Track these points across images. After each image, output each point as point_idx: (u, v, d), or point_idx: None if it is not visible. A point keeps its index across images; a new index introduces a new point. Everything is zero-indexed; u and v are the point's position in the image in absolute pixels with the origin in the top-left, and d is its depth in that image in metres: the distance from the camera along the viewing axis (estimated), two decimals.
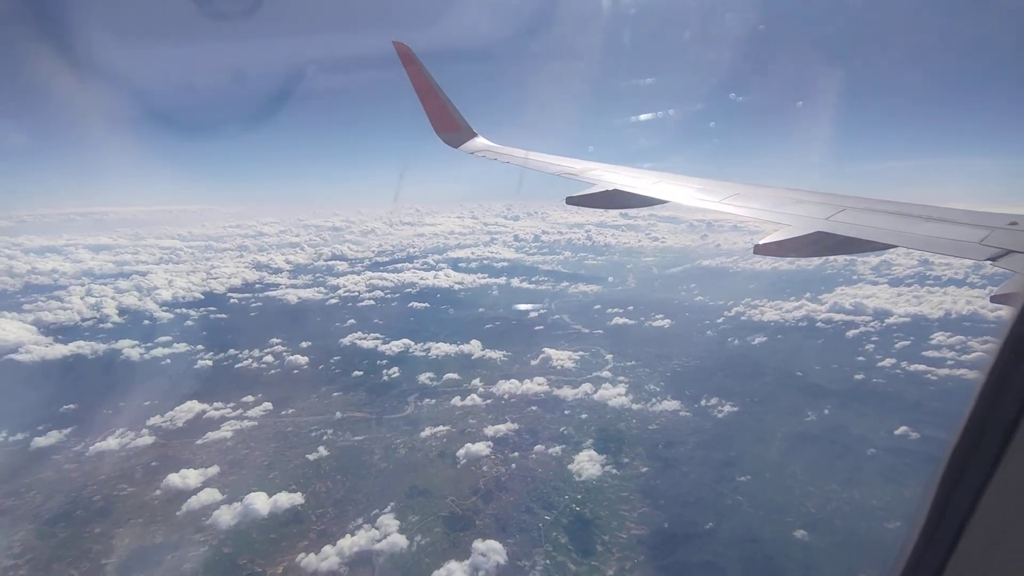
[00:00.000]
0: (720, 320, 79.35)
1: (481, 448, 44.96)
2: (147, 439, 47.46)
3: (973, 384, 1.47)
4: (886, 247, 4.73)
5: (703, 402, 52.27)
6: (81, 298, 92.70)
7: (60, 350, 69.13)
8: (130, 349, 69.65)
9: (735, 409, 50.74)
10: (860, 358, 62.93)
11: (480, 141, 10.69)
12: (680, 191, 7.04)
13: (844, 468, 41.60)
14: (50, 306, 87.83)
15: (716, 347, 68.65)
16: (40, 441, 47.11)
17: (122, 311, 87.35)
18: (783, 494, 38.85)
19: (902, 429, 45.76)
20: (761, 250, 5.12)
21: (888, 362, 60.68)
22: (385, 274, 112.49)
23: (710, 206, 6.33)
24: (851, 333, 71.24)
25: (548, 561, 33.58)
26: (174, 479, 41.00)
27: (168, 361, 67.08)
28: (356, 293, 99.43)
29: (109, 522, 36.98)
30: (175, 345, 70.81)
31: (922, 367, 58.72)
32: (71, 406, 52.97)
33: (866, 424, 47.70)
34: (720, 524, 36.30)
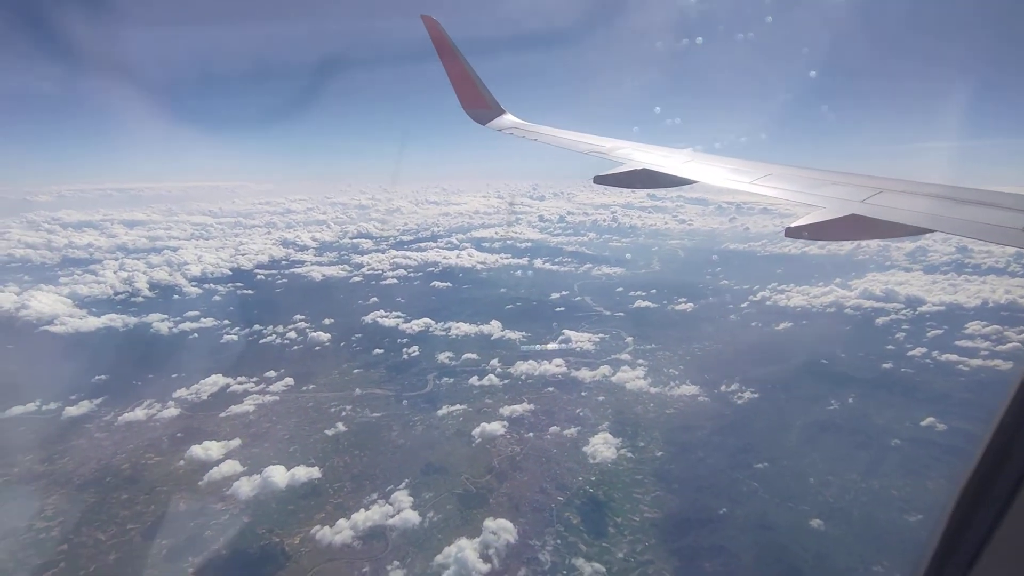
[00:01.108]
0: (744, 305, 78.07)
1: (497, 428, 45.27)
2: (173, 411, 48.95)
3: (1008, 376, 1.47)
4: (923, 232, 4.46)
5: (723, 387, 51.60)
6: (114, 272, 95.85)
7: (93, 323, 71.62)
8: (160, 323, 71.77)
9: (755, 396, 49.98)
10: (889, 346, 61.35)
11: (508, 118, 10.57)
12: (711, 171, 6.81)
13: (866, 458, 40.79)
14: (85, 279, 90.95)
15: (739, 332, 67.62)
16: (72, 410, 48.94)
17: (153, 285, 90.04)
18: (800, 482, 38.29)
19: (929, 420, 44.58)
20: (792, 233, 4.94)
21: (918, 351, 58.98)
22: (409, 253, 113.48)
23: (741, 187, 6.11)
24: (881, 320, 69.39)
25: (559, 541, 33.73)
26: (197, 450, 42.26)
27: (195, 335, 68.92)
28: (380, 271, 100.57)
29: (136, 489, 38.41)
30: (202, 320, 72.77)
31: (954, 357, 57.04)
32: (102, 377, 54.87)
33: (891, 414, 46.59)
34: (734, 510, 35.98)
